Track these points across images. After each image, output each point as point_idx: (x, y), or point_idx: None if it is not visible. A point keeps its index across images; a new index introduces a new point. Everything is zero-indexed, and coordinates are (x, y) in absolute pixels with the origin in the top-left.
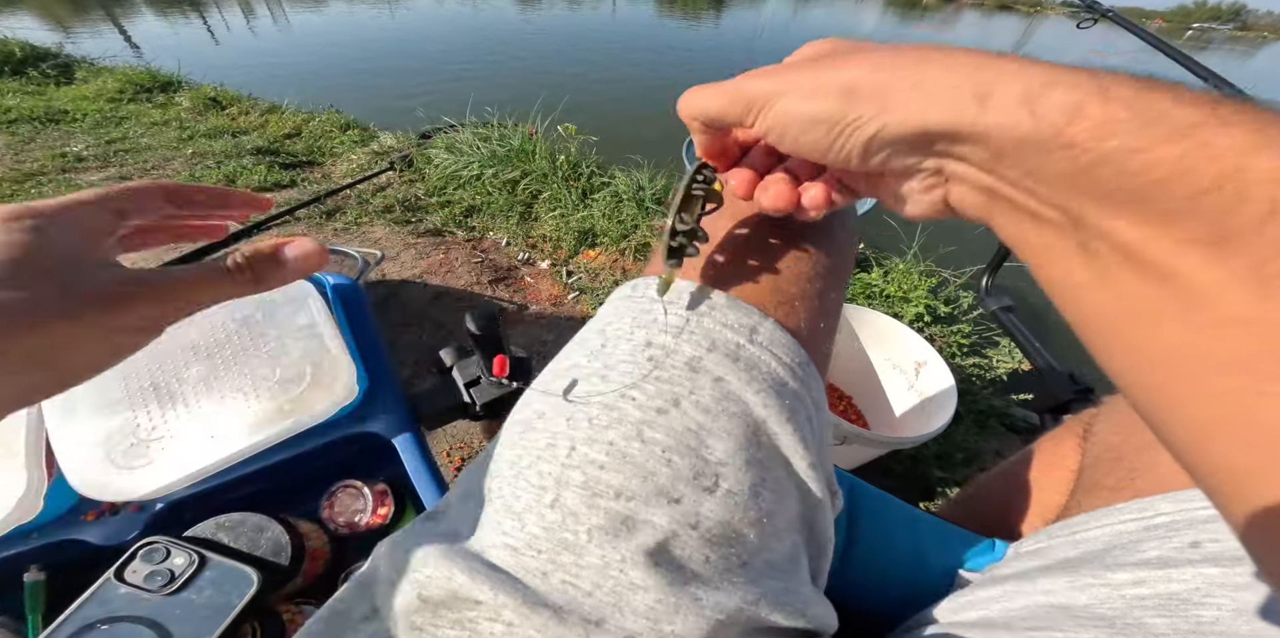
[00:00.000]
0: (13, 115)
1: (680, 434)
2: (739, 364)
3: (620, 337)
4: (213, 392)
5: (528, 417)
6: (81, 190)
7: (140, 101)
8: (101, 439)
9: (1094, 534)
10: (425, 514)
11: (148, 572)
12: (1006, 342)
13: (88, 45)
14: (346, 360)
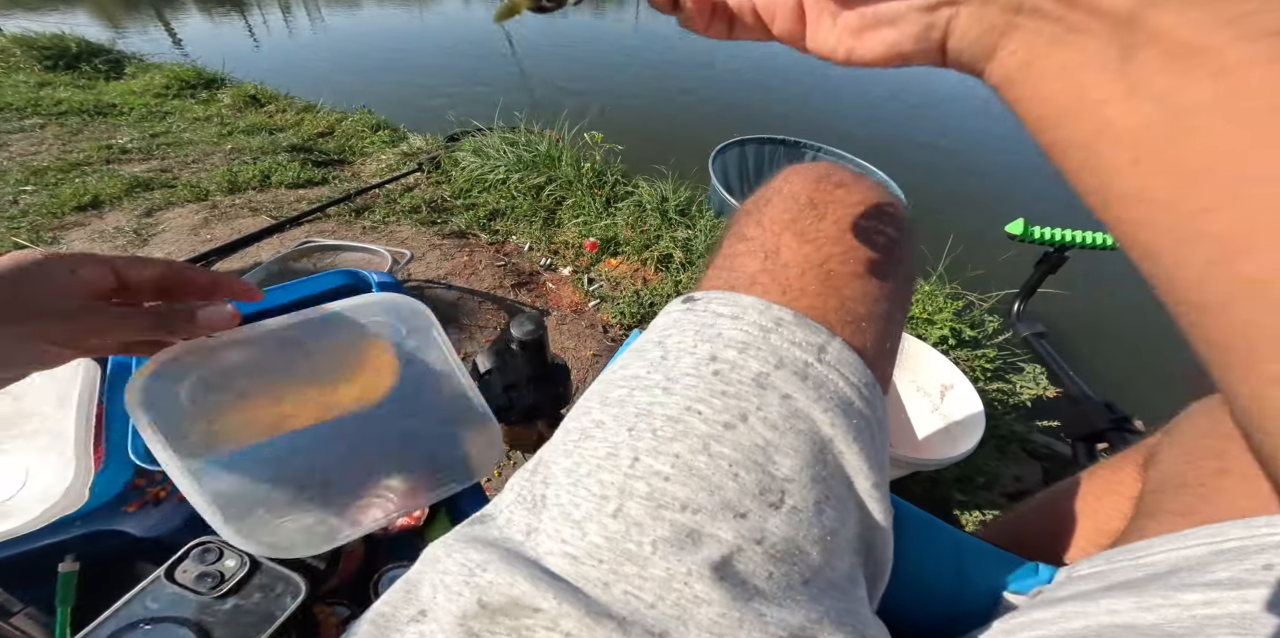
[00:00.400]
0: (64, 107)
1: (748, 450)
2: (807, 382)
3: (683, 350)
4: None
5: (585, 425)
6: (105, 254)
7: (184, 97)
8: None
9: (1159, 558)
10: (474, 518)
11: (198, 573)
12: (1031, 368)
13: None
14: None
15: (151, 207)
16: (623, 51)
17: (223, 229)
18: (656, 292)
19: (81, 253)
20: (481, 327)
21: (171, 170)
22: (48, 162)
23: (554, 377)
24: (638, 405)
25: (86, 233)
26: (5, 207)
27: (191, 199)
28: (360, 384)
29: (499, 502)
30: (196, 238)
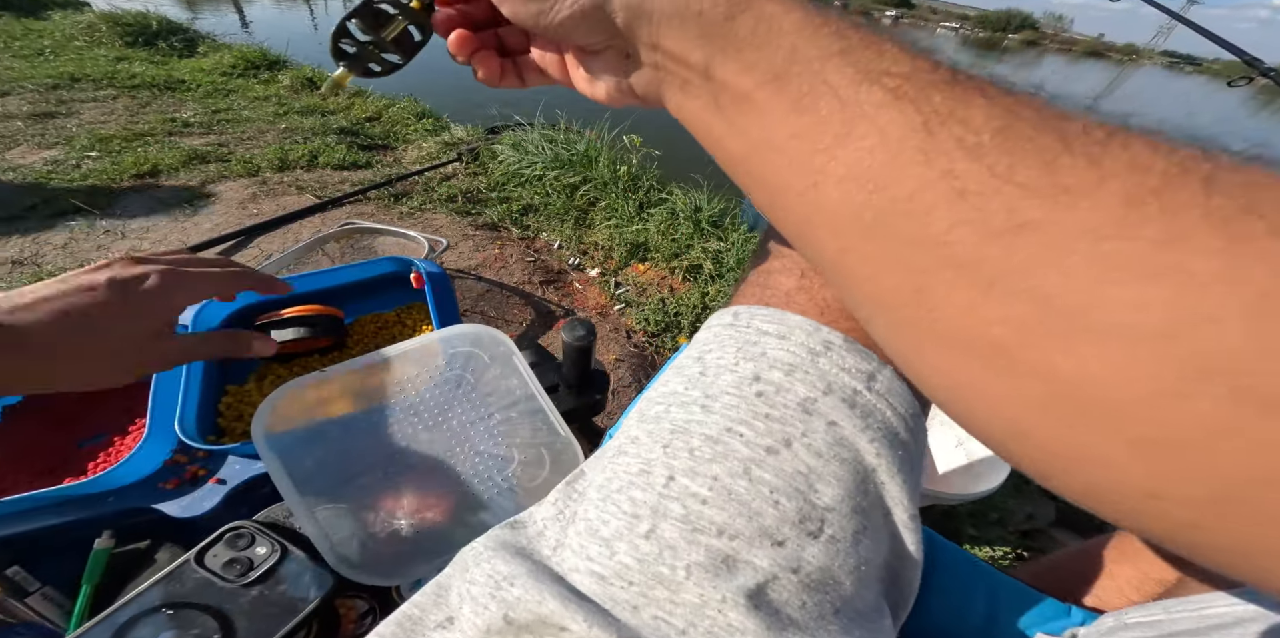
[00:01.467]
0: (137, 81)
1: (790, 476)
2: (855, 411)
3: (723, 367)
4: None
5: (620, 441)
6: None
7: (248, 77)
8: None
9: (1223, 610)
10: (510, 521)
11: (228, 558)
12: None
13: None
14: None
15: (205, 178)
16: None
17: (269, 204)
18: (683, 301)
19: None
20: (508, 321)
21: (228, 145)
22: (114, 131)
23: (594, 383)
24: (674, 422)
25: (141, 199)
26: (68, 169)
27: (243, 174)
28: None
29: (535, 509)
30: (244, 211)
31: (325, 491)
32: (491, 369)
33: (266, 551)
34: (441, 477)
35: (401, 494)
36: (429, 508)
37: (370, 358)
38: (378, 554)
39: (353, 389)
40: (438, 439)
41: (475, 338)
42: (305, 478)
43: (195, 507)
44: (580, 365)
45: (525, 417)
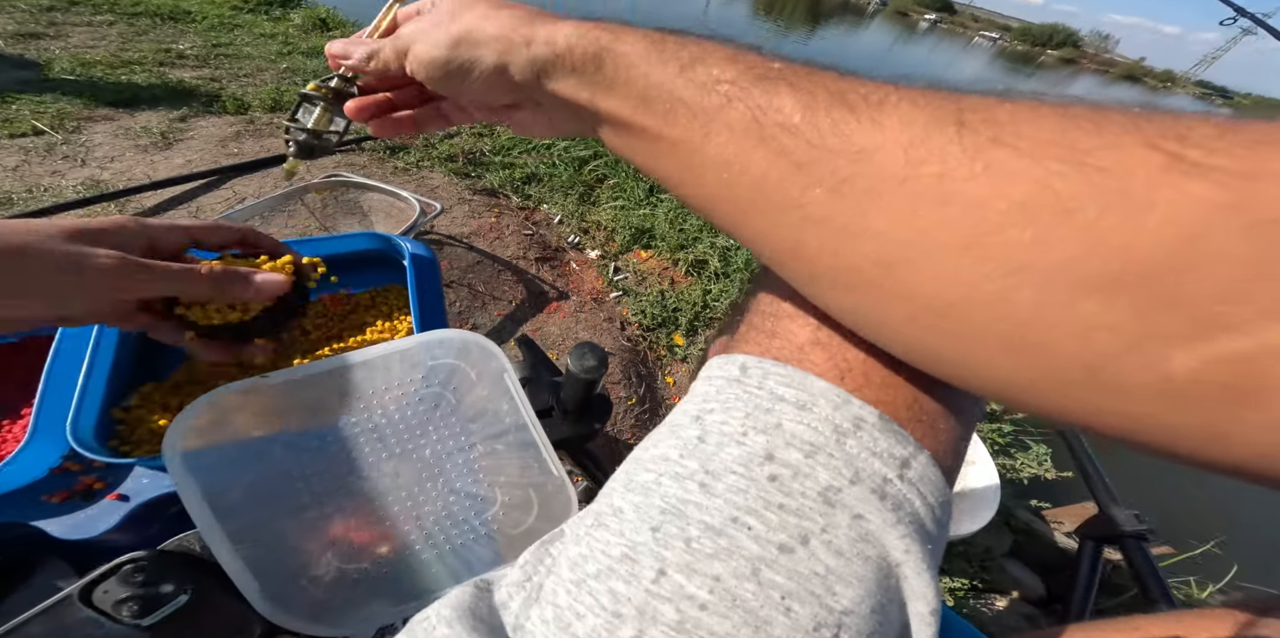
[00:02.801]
0: (140, 9)
1: (805, 578)
2: (885, 503)
3: (728, 437)
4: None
5: (600, 509)
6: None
7: (258, 13)
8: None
9: None
10: (476, 582)
11: (124, 595)
12: (1038, 448)
13: None
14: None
15: (188, 113)
16: None
17: (252, 145)
18: (683, 297)
19: (168, 223)
20: (496, 298)
21: (220, 80)
22: (101, 56)
23: (594, 411)
24: (665, 498)
25: (112, 128)
26: (40, 91)
27: (230, 111)
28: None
29: (509, 570)
30: (223, 150)
31: (257, 523)
32: (478, 388)
33: (174, 589)
34: (406, 516)
35: (356, 533)
36: (388, 551)
37: (329, 363)
38: (320, 600)
39: (304, 400)
40: (406, 471)
41: (462, 348)
42: (231, 507)
43: (87, 527)
44: (584, 395)
45: (513, 450)
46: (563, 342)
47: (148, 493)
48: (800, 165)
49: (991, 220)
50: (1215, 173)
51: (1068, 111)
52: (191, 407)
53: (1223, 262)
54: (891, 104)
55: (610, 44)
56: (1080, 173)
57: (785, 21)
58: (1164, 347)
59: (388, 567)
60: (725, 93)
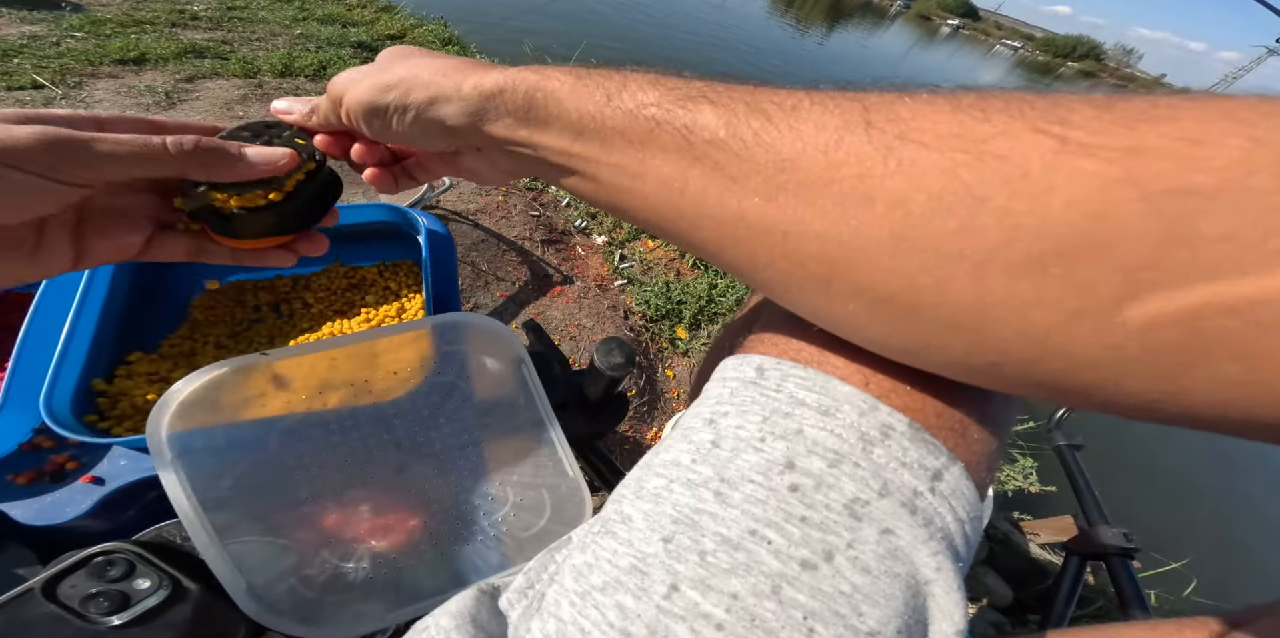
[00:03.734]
0: None
1: (829, 597)
2: (916, 517)
3: (744, 442)
4: None
5: (609, 516)
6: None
7: None
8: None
9: None
10: (483, 586)
11: (92, 591)
12: (1025, 461)
13: None
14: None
15: (195, 74)
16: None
17: (258, 109)
18: (688, 290)
19: (122, 116)
20: (500, 278)
21: (231, 43)
22: (113, 14)
23: (611, 410)
24: (677, 507)
25: (114, 85)
26: (45, 47)
27: (239, 74)
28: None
29: (518, 575)
30: (228, 112)
31: (247, 516)
32: (493, 379)
33: (151, 584)
34: (411, 513)
35: (355, 530)
36: (388, 551)
37: (335, 343)
38: (312, 600)
39: (306, 382)
40: (412, 465)
41: (479, 335)
42: (219, 497)
43: (54, 512)
44: (606, 392)
45: (528, 448)
46: (565, 327)
47: (125, 476)
48: (734, 178)
49: (916, 213)
50: (1102, 151)
51: (959, 103)
52: (181, 383)
53: (1132, 232)
54: (804, 110)
55: (538, 83)
56: (981, 162)
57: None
58: (1105, 316)
59: (387, 567)
60: (652, 116)
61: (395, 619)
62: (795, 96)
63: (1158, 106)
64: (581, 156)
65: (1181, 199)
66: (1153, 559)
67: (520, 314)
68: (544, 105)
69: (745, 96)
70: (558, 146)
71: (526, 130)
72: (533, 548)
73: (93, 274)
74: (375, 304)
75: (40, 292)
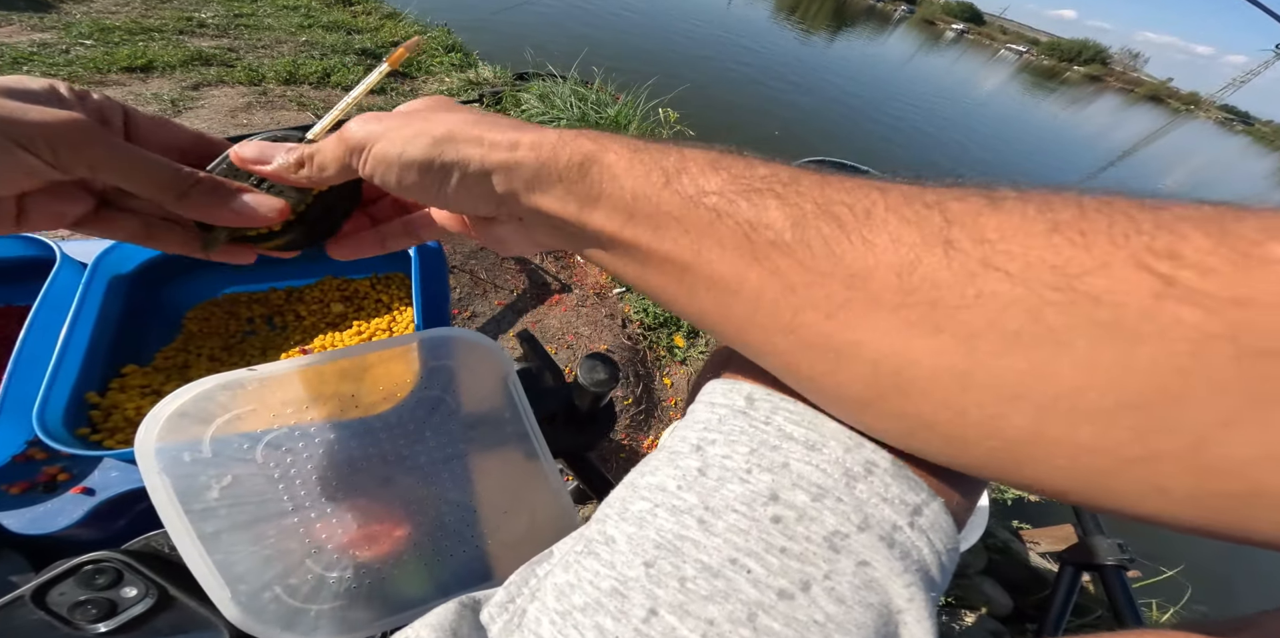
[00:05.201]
0: None
1: (803, 626)
2: (894, 550)
3: (730, 472)
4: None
5: (592, 536)
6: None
7: None
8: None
9: None
10: (464, 600)
11: (81, 598)
12: None
13: None
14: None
15: (201, 81)
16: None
17: (262, 117)
18: None
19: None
20: (498, 287)
21: (237, 51)
22: (121, 22)
23: (599, 422)
24: (661, 532)
25: (122, 93)
26: (54, 54)
27: (245, 82)
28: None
29: (499, 589)
30: (233, 120)
31: (233, 527)
32: (480, 393)
33: (138, 593)
34: (395, 525)
35: (340, 540)
36: (373, 561)
37: (322, 358)
38: (296, 609)
39: (293, 396)
40: (398, 478)
41: (466, 350)
42: (205, 508)
43: (45, 522)
44: (591, 406)
45: (513, 461)
46: (562, 336)
47: (116, 487)
48: (793, 288)
49: (985, 350)
50: (1207, 300)
51: (1057, 221)
52: (170, 397)
53: (1214, 391)
54: (878, 217)
55: (594, 153)
56: (1071, 301)
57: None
58: (1161, 465)
59: (371, 577)
60: (713, 206)
61: (378, 629)
62: (869, 197)
63: (1278, 239)
64: (632, 242)
65: (1276, 361)
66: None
67: (518, 323)
68: (598, 179)
69: (815, 193)
70: (608, 228)
71: (577, 205)
72: (515, 561)
73: (87, 288)
74: (367, 317)
75: (36, 304)
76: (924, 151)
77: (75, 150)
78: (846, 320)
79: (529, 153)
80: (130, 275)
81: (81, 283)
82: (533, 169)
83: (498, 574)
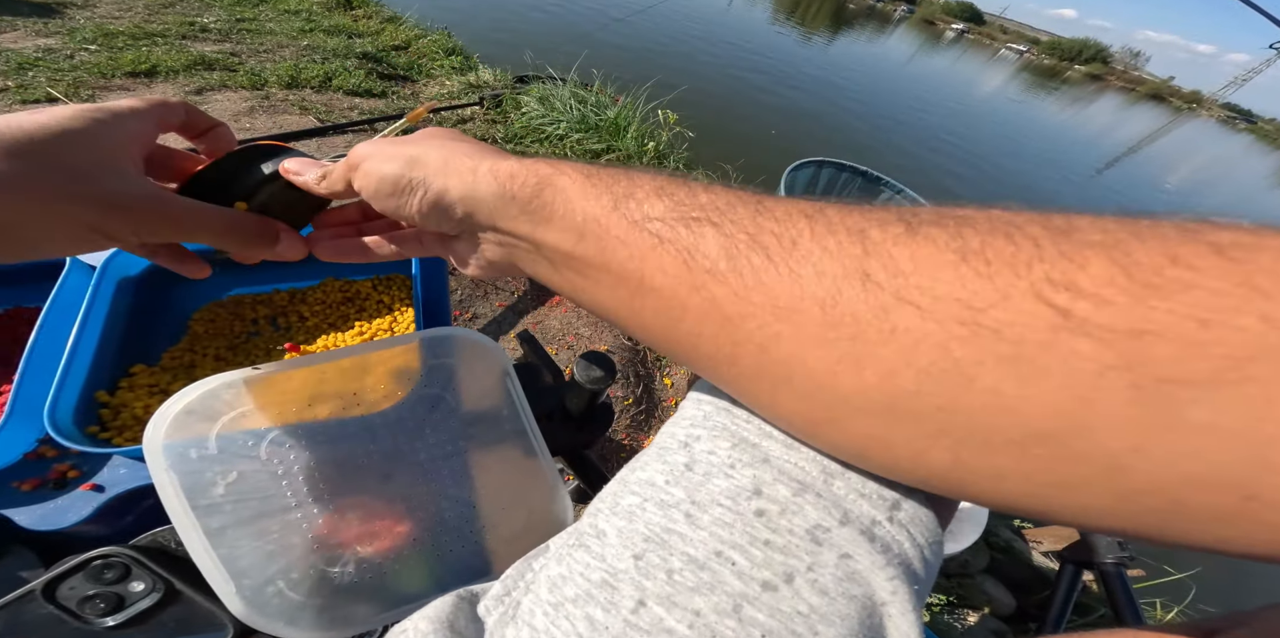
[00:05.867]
0: None
1: (787, 617)
2: (874, 545)
3: (715, 466)
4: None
5: (584, 529)
6: (128, 99)
7: None
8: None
9: None
10: (461, 593)
11: (90, 593)
12: None
13: None
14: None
15: (205, 86)
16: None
17: (265, 121)
18: None
19: (139, 102)
20: (499, 288)
21: (240, 55)
22: (125, 27)
23: (596, 419)
24: (649, 526)
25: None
26: (59, 60)
27: (247, 86)
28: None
29: (496, 582)
30: (236, 124)
31: (237, 522)
32: (478, 391)
33: (145, 587)
34: (396, 520)
35: (341, 536)
36: (374, 556)
37: (325, 357)
38: (299, 603)
39: (295, 395)
40: (398, 474)
41: (466, 349)
42: (210, 504)
43: (56, 518)
44: (587, 404)
45: (511, 458)
46: (563, 336)
47: (125, 484)
48: (729, 318)
49: (903, 387)
50: (1102, 332)
51: (965, 249)
52: (177, 396)
53: (1118, 419)
54: (804, 248)
55: (550, 176)
56: (976, 336)
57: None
58: (1079, 490)
59: (372, 572)
60: (656, 231)
61: (379, 622)
62: (797, 226)
63: (1178, 264)
64: (582, 260)
65: (1173, 389)
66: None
67: (518, 324)
68: (551, 200)
69: (748, 223)
70: (561, 246)
71: (531, 224)
72: (513, 554)
73: (96, 290)
74: (369, 318)
75: (47, 306)
76: (923, 151)
77: (151, 233)
78: (778, 354)
79: (488, 177)
80: (138, 278)
81: (91, 285)
82: (492, 192)
83: (495, 569)
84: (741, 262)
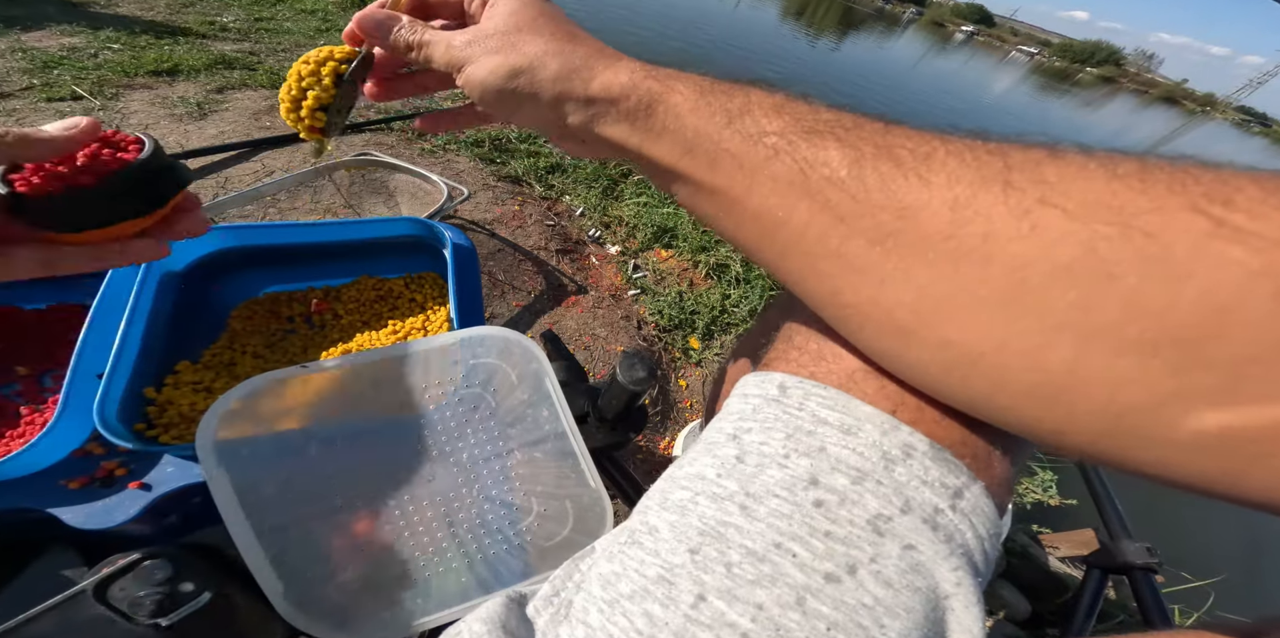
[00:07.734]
0: None
1: (852, 609)
2: (938, 534)
3: (768, 458)
4: None
5: (635, 526)
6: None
7: None
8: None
9: None
10: (510, 594)
11: (140, 593)
12: (1044, 474)
13: None
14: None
15: (225, 85)
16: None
17: (282, 120)
18: (701, 300)
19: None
20: (516, 288)
21: (258, 54)
22: (149, 22)
23: (630, 422)
24: (704, 519)
25: (150, 96)
26: (84, 58)
27: (266, 85)
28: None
29: (545, 584)
30: (256, 123)
31: (287, 523)
32: (518, 391)
33: (194, 588)
34: (439, 522)
35: (386, 537)
36: (418, 558)
37: (369, 356)
38: (345, 606)
39: (342, 394)
40: (441, 475)
41: (504, 348)
42: (261, 505)
43: (103, 517)
44: (627, 405)
45: (551, 459)
46: (579, 337)
47: (172, 483)
48: (843, 218)
49: (1034, 281)
50: (1254, 239)
51: (1116, 170)
52: (227, 395)
53: (1253, 328)
54: (939, 159)
55: (662, 94)
56: (1125, 237)
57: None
58: (1195, 404)
59: (416, 574)
60: (772, 145)
61: (423, 625)
62: (930, 143)
63: None
64: (687, 174)
65: None
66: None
67: (536, 324)
68: (662, 118)
69: (876, 137)
70: (666, 160)
71: (639, 139)
72: (556, 557)
73: (142, 285)
74: (401, 316)
75: (95, 302)
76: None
77: None
78: (894, 248)
79: (600, 92)
80: (181, 273)
81: (136, 280)
82: (600, 107)
83: (538, 572)
84: (867, 170)
